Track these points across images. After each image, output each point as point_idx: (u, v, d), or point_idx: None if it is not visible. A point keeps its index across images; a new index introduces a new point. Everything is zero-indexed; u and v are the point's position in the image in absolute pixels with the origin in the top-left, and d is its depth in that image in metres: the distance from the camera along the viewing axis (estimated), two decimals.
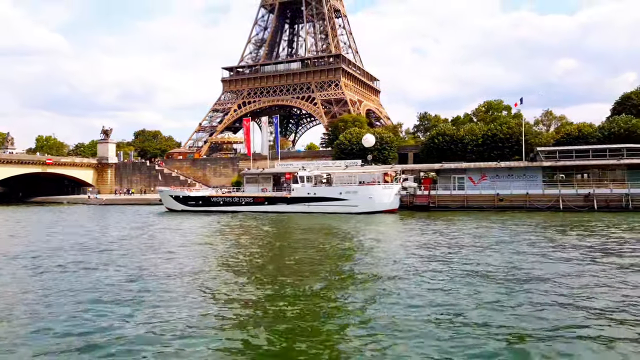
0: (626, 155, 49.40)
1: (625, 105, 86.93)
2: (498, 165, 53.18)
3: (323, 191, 52.32)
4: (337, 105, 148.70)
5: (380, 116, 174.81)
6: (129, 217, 50.81)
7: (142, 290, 15.75)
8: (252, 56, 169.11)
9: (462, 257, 22.03)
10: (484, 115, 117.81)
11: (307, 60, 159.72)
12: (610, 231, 31.32)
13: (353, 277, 17.75)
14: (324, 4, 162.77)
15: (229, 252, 25.18)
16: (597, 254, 22.21)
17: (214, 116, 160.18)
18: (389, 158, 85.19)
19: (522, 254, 22.55)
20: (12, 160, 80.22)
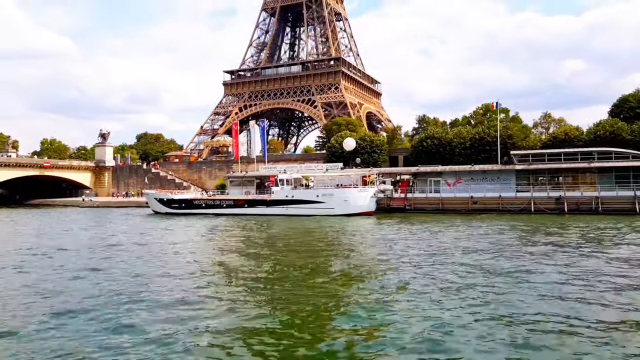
0: (597, 159, 50.01)
1: (622, 107, 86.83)
2: (472, 169, 54.06)
3: (301, 194, 53.56)
4: (337, 108, 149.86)
5: (381, 119, 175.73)
6: (111, 219, 52.43)
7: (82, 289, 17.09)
8: (254, 59, 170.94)
9: (412, 259, 23.18)
10: (481, 118, 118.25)
11: (308, 64, 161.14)
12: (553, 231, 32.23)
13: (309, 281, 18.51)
14: (325, 7, 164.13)
15: (182, 254, 26.50)
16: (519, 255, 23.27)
17: (215, 119, 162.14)
18: (379, 161, 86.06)
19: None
20: (10, 164, 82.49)
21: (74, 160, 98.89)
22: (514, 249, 25.21)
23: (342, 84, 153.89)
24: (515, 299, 15.01)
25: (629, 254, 23.73)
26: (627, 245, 26.53)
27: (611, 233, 32.22)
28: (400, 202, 54.52)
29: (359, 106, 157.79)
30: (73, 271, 20.54)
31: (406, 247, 27.20)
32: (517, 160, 53.14)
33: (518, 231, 34.15)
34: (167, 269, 21.11)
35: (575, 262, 21.46)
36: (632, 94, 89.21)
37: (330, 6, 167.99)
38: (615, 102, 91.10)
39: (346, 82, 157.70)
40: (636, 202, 45.98)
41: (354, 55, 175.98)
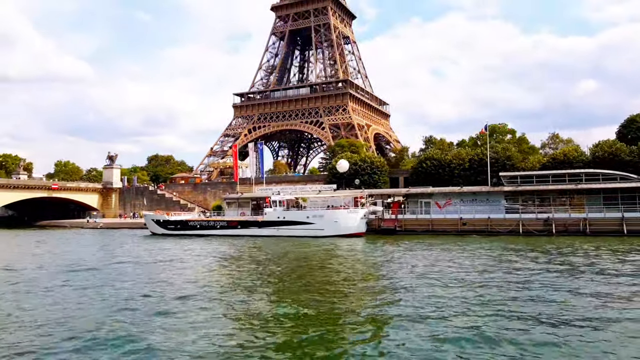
0: (584, 181, 50.07)
1: (630, 128, 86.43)
2: (462, 190, 54.37)
3: (292, 215, 54.38)
4: (344, 130, 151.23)
5: (389, 140, 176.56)
6: (106, 240, 53.75)
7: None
8: (263, 82, 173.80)
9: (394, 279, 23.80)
10: (486, 138, 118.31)
11: (316, 86, 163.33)
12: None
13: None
14: (332, 31, 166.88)
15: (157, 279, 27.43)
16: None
17: (225, 141, 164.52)
18: (379, 182, 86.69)
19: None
20: (19, 186, 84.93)
21: (81, 182, 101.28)
22: (486, 276, 25.40)
23: (349, 105, 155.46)
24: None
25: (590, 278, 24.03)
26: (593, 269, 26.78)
27: (585, 254, 32.39)
28: (390, 223, 54.97)
29: (366, 127, 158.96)
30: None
31: (377, 270, 27.78)
32: (506, 182, 53.39)
33: (494, 253, 34.44)
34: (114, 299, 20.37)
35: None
36: (639, 114, 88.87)
37: (338, 30, 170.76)
38: (622, 123, 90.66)
39: (354, 104, 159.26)
40: (624, 223, 45.85)
41: (362, 78, 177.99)
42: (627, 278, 23.19)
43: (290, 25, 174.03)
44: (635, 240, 40.98)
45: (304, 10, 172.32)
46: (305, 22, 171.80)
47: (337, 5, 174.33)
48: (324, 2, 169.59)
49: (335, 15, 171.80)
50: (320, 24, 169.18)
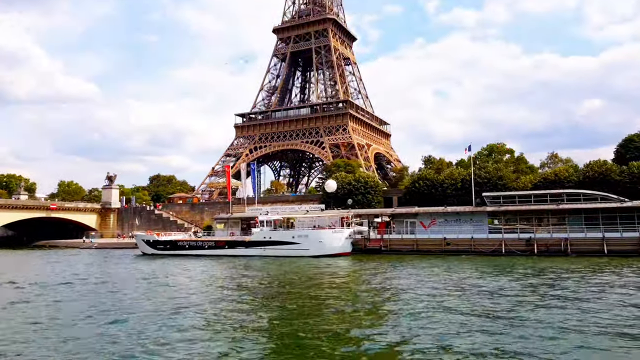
0: (566, 201, 50.41)
1: (628, 147, 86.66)
2: (446, 210, 54.85)
3: (278, 235, 55.01)
4: (344, 149, 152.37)
5: (390, 159, 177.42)
6: (95, 260, 54.53)
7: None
8: (265, 103, 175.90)
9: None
10: (486, 158, 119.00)
11: (316, 106, 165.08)
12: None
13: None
14: (333, 52, 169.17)
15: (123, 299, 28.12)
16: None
17: (226, 161, 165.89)
18: (373, 202, 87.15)
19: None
20: (18, 206, 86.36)
21: (80, 202, 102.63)
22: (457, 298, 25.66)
23: (350, 125, 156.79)
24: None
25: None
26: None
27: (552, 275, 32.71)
28: (376, 243, 55.43)
29: (367, 147, 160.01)
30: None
31: (344, 290, 28.29)
32: (489, 202, 53.81)
33: (466, 274, 34.84)
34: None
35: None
36: (637, 134, 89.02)
37: (338, 51, 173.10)
38: (620, 142, 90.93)
39: (354, 124, 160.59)
40: (604, 243, 46.05)
41: (362, 98, 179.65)
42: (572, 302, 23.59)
43: (292, 47, 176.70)
44: (614, 260, 41.21)
45: (305, 33, 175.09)
46: (306, 44, 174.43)
47: (338, 27, 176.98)
48: (324, 25, 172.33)
49: (335, 37, 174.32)
50: (321, 46, 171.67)
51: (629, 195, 63.39)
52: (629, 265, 37.72)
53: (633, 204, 46.86)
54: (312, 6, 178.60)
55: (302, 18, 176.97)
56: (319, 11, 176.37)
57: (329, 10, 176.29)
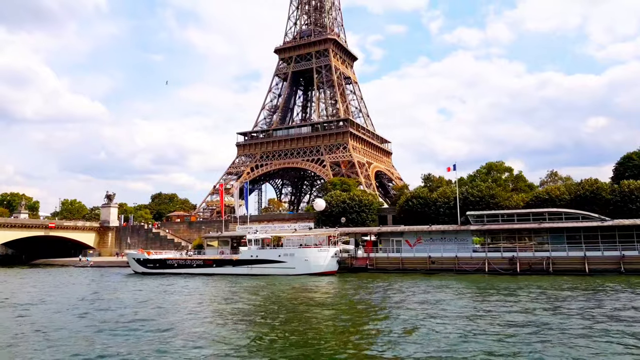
0: (548, 220, 50.65)
1: (627, 165, 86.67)
2: (431, 229, 55.22)
3: (265, 254, 55.54)
4: (345, 167, 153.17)
5: (391, 177, 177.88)
6: (85, 280, 55.26)
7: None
8: (266, 121, 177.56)
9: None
10: (484, 176, 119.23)
11: (317, 125, 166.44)
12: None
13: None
14: (334, 72, 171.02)
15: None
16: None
17: (227, 179, 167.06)
18: (367, 220, 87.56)
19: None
20: (17, 224, 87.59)
21: (79, 221, 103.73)
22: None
23: (350, 143, 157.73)
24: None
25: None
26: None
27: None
28: (362, 261, 55.79)
29: (367, 165, 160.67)
30: None
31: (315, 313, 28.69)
32: (473, 221, 54.14)
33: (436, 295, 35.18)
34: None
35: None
36: (635, 152, 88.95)
37: (339, 71, 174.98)
38: (619, 161, 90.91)
39: (354, 142, 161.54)
40: (585, 262, 46.20)
41: (363, 117, 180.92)
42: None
43: (293, 67, 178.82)
44: (592, 280, 41.33)
45: (306, 53, 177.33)
46: (307, 64, 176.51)
47: (338, 47, 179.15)
48: (325, 45, 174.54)
49: (336, 57, 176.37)
50: (322, 66, 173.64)
51: (620, 214, 63.52)
52: (600, 285, 37.87)
53: (613, 223, 47.06)
54: (313, 27, 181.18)
55: (303, 39, 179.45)
56: (320, 32, 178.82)
57: (330, 31, 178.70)
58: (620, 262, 45.12)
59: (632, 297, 30.87)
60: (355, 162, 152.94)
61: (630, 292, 33.23)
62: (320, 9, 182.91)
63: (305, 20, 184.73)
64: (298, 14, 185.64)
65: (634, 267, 44.38)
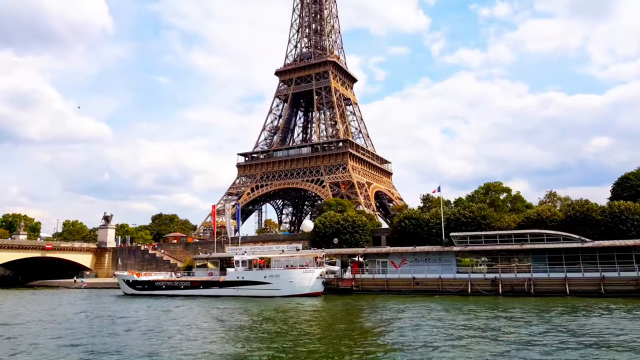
0: (530, 241, 50.85)
1: (624, 186, 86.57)
2: (415, 250, 55.51)
3: (251, 275, 55.92)
4: (344, 188, 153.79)
5: (392, 197, 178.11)
6: (73, 300, 55.82)
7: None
8: (267, 142, 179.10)
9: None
10: (482, 197, 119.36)
11: (317, 145, 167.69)
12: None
13: None
14: (333, 93, 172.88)
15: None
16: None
17: (228, 199, 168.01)
18: (361, 241, 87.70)
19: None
20: (13, 246, 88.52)
21: (76, 242, 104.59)
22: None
23: (349, 164, 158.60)
24: None
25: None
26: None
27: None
28: (348, 283, 56.04)
29: (367, 185, 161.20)
30: None
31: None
32: (457, 242, 54.41)
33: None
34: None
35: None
36: (633, 172, 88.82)
37: (339, 92, 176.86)
38: (616, 181, 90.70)
39: (354, 163, 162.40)
40: (566, 283, 46.27)
41: (363, 137, 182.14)
42: None
43: (293, 89, 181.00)
44: (573, 301, 41.37)
45: (306, 75, 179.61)
46: (308, 86, 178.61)
47: (338, 69, 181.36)
48: (325, 67, 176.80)
49: (336, 78, 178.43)
50: (322, 87, 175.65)
51: (611, 235, 63.42)
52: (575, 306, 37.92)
53: (593, 245, 47.25)
54: (313, 49, 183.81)
55: (303, 61, 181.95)
56: (320, 54, 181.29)
57: (330, 53, 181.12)
58: (600, 283, 45.16)
59: (583, 323, 30.36)
60: (355, 183, 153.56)
61: (583, 315, 33.12)
62: (320, 32, 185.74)
63: (305, 43, 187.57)
64: (299, 37, 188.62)
65: (614, 288, 44.40)
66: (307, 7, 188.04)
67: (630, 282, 44.39)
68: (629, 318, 31.48)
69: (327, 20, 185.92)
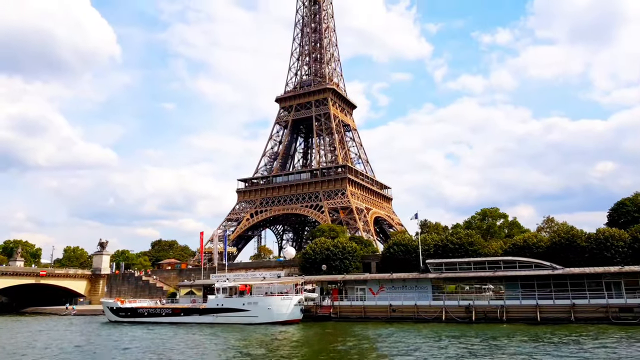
0: (503, 268, 51.12)
1: (620, 211, 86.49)
2: (392, 277, 55.86)
3: (230, 302, 56.42)
4: (343, 213, 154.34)
5: (392, 223, 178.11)
6: (55, 327, 56.52)
7: None
8: (267, 168, 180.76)
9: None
10: (479, 222, 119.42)
11: (316, 171, 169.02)
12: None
13: None
14: (332, 120, 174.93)
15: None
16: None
17: (227, 225, 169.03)
18: (350, 268, 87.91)
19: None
20: (7, 272, 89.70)
21: (70, 268, 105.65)
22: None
23: (348, 189, 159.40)
24: None
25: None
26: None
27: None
28: (326, 310, 56.37)
29: (366, 211, 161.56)
30: None
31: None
32: (432, 269, 54.76)
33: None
34: None
35: None
36: (628, 198, 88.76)
37: (338, 118, 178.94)
38: (612, 207, 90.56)
39: (353, 188, 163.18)
40: (537, 311, 46.38)
41: (363, 163, 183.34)
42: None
43: (293, 115, 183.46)
44: (543, 329, 41.42)
45: (306, 102, 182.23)
46: (307, 112, 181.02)
47: (337, 96, 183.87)
48: (324, 94, 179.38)
49: (335, 105, 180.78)
50: (321, 114, 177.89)
51: (595, 261, 63.41)
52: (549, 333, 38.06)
53: (564, 272, 47.45)
54: (313, 77, 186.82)
55: (303, 88, 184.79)
56: (319, 81, 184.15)
57: (329, 81, 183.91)
58: (570, 310, 45.24)
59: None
60: (354, 208, 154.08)
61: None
62: (320, 60, 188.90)
63: (305, 70, 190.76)
64: (299, 65, 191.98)
65: (584, 315, 44.45)
66: (307, 36, 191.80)
67: (599, 309, 44.42)
68: (590, 346, 31.76)
69: (326, 49, 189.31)
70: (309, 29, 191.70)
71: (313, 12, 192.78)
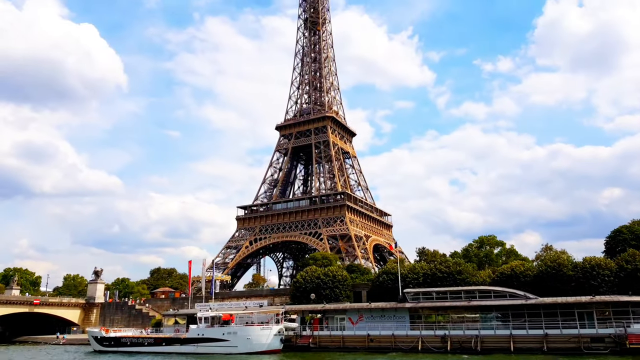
0: (478, 297, 51.21)
1: (617, 239, 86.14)
2: (370, 306, 56.02)
3: (211, 332, 56.72)
4: (342, 241, 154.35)
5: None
6: (36, 356, 56.91)
7: None
8: (267, 195, 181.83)
9: None
10: (476, 250, 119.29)
11: (315, 198, 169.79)
12: None
13: None
14: (331, 147, 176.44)
15: None
16: None
17: (227, 253, 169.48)
18: (341, 296, 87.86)
19: None
20: (1, 301, 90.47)
21: (64, 297, 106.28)
22: None
23: (347, 217, 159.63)
24: None
25: None
26: None
27: None
28: (306, 340, 56.48)
29: (365, 238, 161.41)
30: None
31: None
32: (410, 299, 54.91)
33: None
34: None
35: None
36: (625, 225, 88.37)
37: (337, 146, 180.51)
38: (609, 235, 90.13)
39: (352, 215, 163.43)
40: (511, 340, 46.33)
41: (362, 190, 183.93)
42: None
43: (293, 143, 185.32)
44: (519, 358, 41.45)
45: (306, 129, 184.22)
46: (307, 140, 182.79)
47: (336, 124, 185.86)
48: (323, 122, 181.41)
49: (334, 133, 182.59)
50: (320, 141, 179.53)
51: (582, 291, 63.14)
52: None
53: (537, 301, 47.49)
54: (313, 105, 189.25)
55: (303, 116, 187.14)
56: (319, 109, 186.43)
57: (329, 109, 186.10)
58: (543, 340, 45.16)
59: None
60: (352, 236, 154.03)
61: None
62: (320, 88, 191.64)
63: (305, 99, 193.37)
64: (299, 93, 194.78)
65: (557, 345, 44.36)
66: (307, 66, 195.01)
67: (571, 340, 44.32)
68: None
69: (326, 78, 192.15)
70: (309, 59, 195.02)
71: (313, 43, 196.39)
